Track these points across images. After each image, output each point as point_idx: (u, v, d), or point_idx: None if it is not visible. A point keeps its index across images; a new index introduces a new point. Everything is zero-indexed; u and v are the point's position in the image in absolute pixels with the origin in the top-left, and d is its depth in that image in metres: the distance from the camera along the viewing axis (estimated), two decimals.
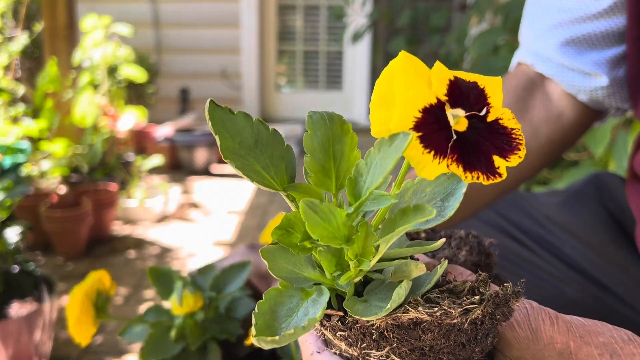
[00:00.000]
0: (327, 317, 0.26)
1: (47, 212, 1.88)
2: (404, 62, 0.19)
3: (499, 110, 0.20)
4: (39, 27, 2.55)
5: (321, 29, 4.37)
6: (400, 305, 0.24)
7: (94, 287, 0.51)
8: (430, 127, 0.19)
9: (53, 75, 2.08)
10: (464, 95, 0.19)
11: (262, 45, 4.31)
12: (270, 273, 0.26)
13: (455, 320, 0.23)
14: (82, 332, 0.49)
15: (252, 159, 0.27)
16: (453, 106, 0.19)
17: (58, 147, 2.26)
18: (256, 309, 0.24)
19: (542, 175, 1.44)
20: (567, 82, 0.54)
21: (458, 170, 0.19)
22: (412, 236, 0.33)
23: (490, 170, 0.19)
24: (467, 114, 0.19)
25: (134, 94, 3.56)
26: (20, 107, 2.26)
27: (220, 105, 0.27)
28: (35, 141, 2.33)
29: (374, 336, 0.24)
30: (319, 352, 0.28)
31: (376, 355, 0.25)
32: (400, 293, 0.23)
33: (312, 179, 0.26)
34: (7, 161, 1.81)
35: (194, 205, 2.63)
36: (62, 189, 2.27)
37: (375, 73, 4.43)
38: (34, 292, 1.21)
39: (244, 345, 0.52)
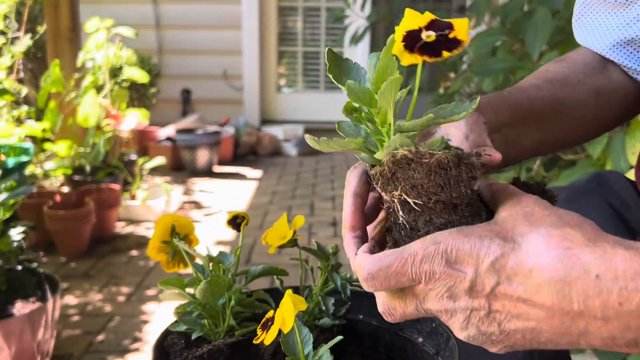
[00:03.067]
0: (372, 167, 0.36)
1: (50, 211, 1.89)
2: (407, 13, 0.34)
3: (459, 32, 0.33)
4: (41, 29, 2.57)
5: (321, 30, 4.39)
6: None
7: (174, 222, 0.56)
8: (410, 39, 0.33)
9: (56, 77, 2.10)
10: (437, 26, 0.33)
11: (263, 46, 4.32)
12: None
13: (426, 160, 0.33)
14: (155, 249, 0.56)
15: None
16: (427, 30, 0.33)
17: (61, 147, 2.28)
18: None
19: (540, 175, 1.45)
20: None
21: (418, 59, 0.33)
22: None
23: (437, 56, 0.33)
24: (437, 33, 0.33)
25: (136, 94, 3.58)
26: (24, 108, 2.28)
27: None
28: (38, 141, 2.34)
29: (389, 176, 0.34)
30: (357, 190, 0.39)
31: (396, 195, 0.34)
32: (394, 139, 0.34)
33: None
34: (11, 161, 1.82)
35: (195, 205, 2.65)
36: (65, 189, 2.28)
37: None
38: (37, 291, 1.22)
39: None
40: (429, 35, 0.32)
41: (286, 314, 0.39)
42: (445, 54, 0.33)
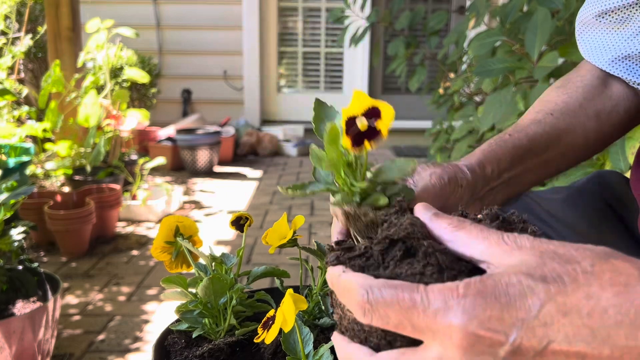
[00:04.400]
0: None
1: (50, 211, 1.90)
2: (355, 96, 0.38)
3: (382, 123, 0.36)
4: (42, 29, 2.58)
5: (321, 31, 4.39)
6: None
7: (176, 223, 0.56)
8: (348, 124, 0.37)
9: (57, 77, 2.11)
10: (370, 113, 0.36)
11: (263, 47, 4.33)
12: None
13: (363, 218, 0.39)
14: (158, 249, 0.57)
15: None
16: (364, 116, 0.37)
17: (62, 147, 2.28)
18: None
19: None
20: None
21: (348, 144, 0.36)
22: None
23: (359, 148, 0.36)
24: (368, 121, 0.36)
25: (137, 95, 3.58)
26: (24, 109, 2.28)
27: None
28: (39, 142, 2.35)
29: (345, 219, 0.41)
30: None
31: (352, 234, 0.41)
32: (336, 197, 0.40)
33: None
34: (12, 161, 1.83)
35: (196, 205, 2.65)
36: (66, 189, 2.29)
37: (373, 74, 4.45)
38: (38, 290, 1.22)
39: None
40: (362, 123, 0.36)
41: (287, 313, 0.39)
42: (367, 144, 0.36)
